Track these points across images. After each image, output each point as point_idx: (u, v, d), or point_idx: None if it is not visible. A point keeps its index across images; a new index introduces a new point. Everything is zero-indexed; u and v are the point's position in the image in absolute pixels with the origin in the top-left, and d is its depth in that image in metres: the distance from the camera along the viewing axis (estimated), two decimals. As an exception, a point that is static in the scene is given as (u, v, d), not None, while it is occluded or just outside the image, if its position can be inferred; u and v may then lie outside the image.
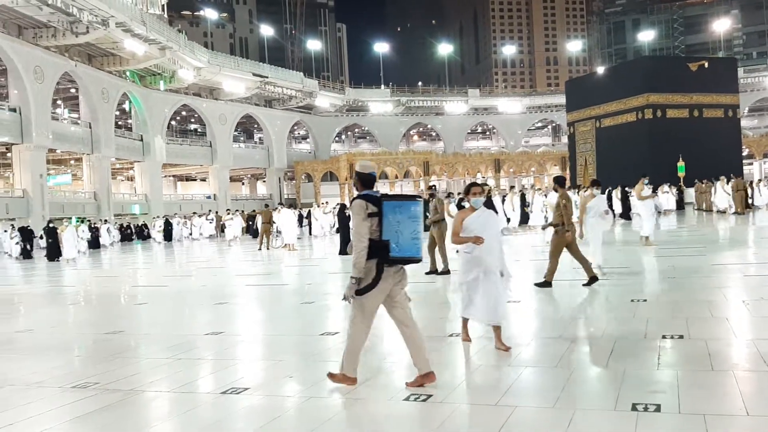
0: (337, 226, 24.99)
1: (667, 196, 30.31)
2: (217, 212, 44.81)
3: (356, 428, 4.27)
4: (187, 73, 54.69)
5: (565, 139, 65.19)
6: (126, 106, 57.08)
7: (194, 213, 45.60)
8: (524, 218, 25.72)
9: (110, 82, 50.25)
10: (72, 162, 55.59)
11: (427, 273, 12.16)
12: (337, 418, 4.48)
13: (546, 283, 9.58)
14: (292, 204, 53.02)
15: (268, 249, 23.73)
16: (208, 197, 62.92)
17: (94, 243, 35.73)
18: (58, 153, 48.86)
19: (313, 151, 75.26)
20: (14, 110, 41.22)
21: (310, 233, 33.41)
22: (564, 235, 9.37)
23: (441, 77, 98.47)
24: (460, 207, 16.27)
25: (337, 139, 79.79)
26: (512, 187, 29.60)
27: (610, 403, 4.31)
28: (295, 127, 74.61)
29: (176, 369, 6.18)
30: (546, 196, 23.88)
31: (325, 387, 5.28)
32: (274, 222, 25.89)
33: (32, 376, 6.26)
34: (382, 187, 65.55)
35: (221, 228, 37.76)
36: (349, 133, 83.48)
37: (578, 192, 23.57)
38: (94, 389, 5.51)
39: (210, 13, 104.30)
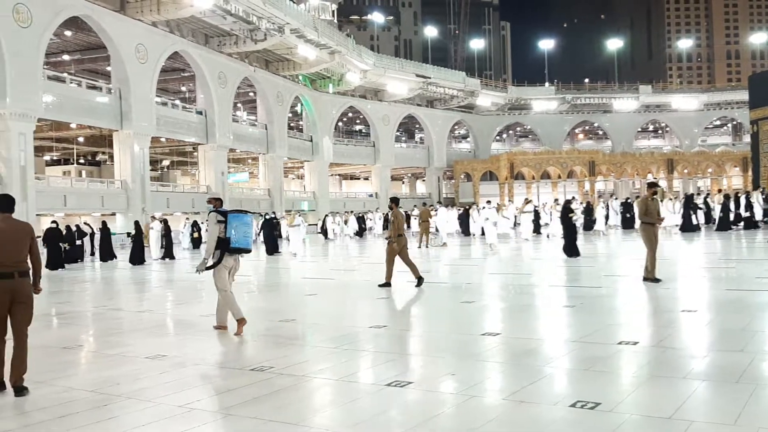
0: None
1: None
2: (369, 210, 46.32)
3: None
4: (353, 75, 56.71)
5: (747, 139, 60.07)
6: (298, 108, 60.29)
7: (351, 211, 47.68)
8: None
9: (284, 86, 53.39)
10: (249, 161, 59.82)
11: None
12: (499, 419, 4.45)
13: (387, 284, 11.85)
14: (475, 203, 53.42)
15: (427, 247, 24.01)
16: (370, 195, 64.89)
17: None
18: (237, 152, 52.77)
19: (473, 151, 74.98)
20: (201, 113, 45.08)
21: (468, 233, 31.85)
22: (392, 246, 11.80)
23: (609, 74, 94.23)
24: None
25: (497, 138, 78.85)
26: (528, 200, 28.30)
27: (802, 427, 3.93)
28: (456, 127, 74.72)
29: (342, 359, 6.46)
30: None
31: (487, 387, 5.29)
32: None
33: (214, 357, 6.83)
34: (543, 187, 64.24)
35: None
36: (510, 131, 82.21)
37: None
38: (269, 373, 5.90)
39: (377, 17, 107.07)
